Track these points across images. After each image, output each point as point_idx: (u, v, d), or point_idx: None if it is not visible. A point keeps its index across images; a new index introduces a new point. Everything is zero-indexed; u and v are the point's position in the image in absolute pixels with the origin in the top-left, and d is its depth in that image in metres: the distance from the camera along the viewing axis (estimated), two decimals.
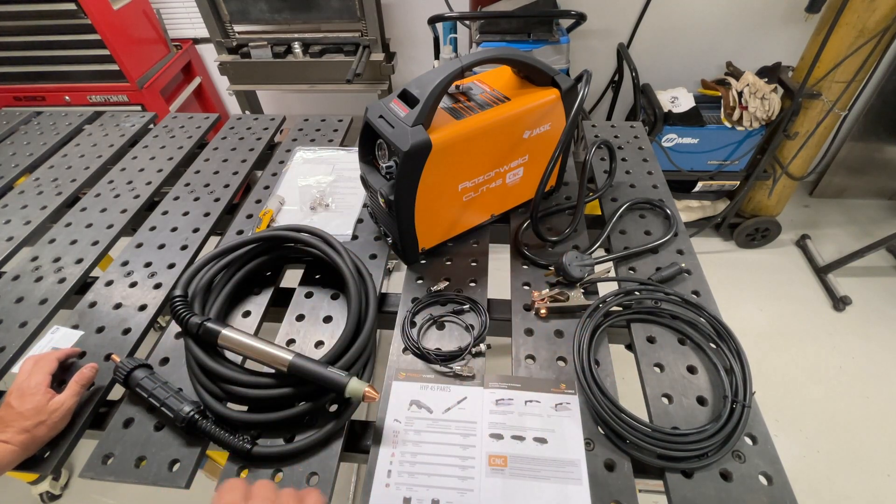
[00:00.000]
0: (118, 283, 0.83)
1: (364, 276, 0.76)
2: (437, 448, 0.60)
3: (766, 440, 0.59)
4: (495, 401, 0.64)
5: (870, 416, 1.61)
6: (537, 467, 0.57)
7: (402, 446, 0.60)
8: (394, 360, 0.70)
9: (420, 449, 0.60)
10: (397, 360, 0.70)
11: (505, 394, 0.64)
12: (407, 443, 0.60)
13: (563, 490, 0.55)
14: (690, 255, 0.83)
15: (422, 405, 0.64)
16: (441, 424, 0.62)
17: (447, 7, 1.94)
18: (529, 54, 0.75)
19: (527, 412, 0.62)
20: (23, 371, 0.64)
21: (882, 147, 2.24)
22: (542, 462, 0.58)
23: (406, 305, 0.76)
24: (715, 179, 1.99)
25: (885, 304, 1.95)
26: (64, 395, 0.62)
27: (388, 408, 0.64)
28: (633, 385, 0.67)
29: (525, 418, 0.62)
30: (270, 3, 1.85)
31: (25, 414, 0.59)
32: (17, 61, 1.94)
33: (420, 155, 0.67)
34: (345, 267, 0.72)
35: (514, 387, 0.65)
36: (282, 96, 2.48)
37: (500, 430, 0.61)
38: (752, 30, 2.00)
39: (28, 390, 0.61)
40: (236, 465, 0.59)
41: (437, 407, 0.64)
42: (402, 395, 0.65)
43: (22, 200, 1.05)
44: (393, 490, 0.56)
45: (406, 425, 0.62)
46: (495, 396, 0.64)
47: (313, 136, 1.20)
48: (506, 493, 0.56)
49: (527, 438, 0.60)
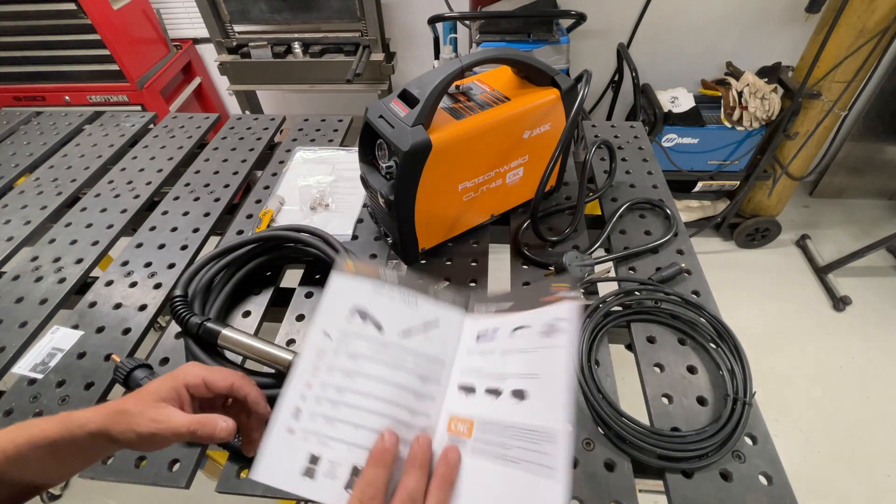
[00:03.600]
0: (118, 283, 0.83)
1: None
2: (378, 388, 0.40)
3: (766, 440, 0.59)
4: (477, 335, 0.45)
5: (870, 416, 1.61)
6: (508, 441, 0.38)
7: (324, 375, 0.40)
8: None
9: (351, 384, 0.40)
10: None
11: (491, 321, 0.45)
12: (334, 371, 0.41)
13: (532, 485, 0.36)
14: (690, 255, 0.83)
15: (369, 317, 0.43)
16: (392, 353, 0.42)
17: (447, 7, 1.94)
18: (529, 54, 0.75)
19: (512, 347, 0.43)
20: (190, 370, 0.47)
21: (882, 147, 2.24)
22: (514, 432, 0.39)
23: None
24: (715, 179, 1.99)
25: (885, 304, 1.95)
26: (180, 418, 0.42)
27: (321, 310, 0.43)
28: (633, 385, 0.66)
29: (508, 359, 0.42)
30: (270, 3, 1.85)
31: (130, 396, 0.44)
32: (17, 61, 1.94)
33: (420, 155, 0.67)
34: None
35: (501, 309, 0.46)
36: (282, 96, 2.48)
37: (474, 378, 0.42)
38: (752, 30, 2.00)
39: (164, 382, 0.45)
40: (236, 465, 0.59)
41: (392, 326, 0.43)
42: (343, 297, 0.44)
43: (22, 200, 1.05)
44: (298, 440, 0.38)
45: (339, 344, 0.42)
46: (478, 327, 0.45)
47: (313, 136, 1.20)
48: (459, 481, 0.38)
49: (504, 392, 0.41)
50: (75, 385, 0.68)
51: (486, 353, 0.44)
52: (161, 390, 0.44)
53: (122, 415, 0.42)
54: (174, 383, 0.45)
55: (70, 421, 0.41)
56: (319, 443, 0.38)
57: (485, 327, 0.45)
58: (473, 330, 0.45)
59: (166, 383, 0.45)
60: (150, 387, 0.45)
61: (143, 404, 0.42)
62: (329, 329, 0.42)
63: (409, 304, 0.45)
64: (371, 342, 0.42)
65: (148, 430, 0.41)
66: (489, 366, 0.43)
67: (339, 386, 0.40)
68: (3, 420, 0.64)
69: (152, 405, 0.42)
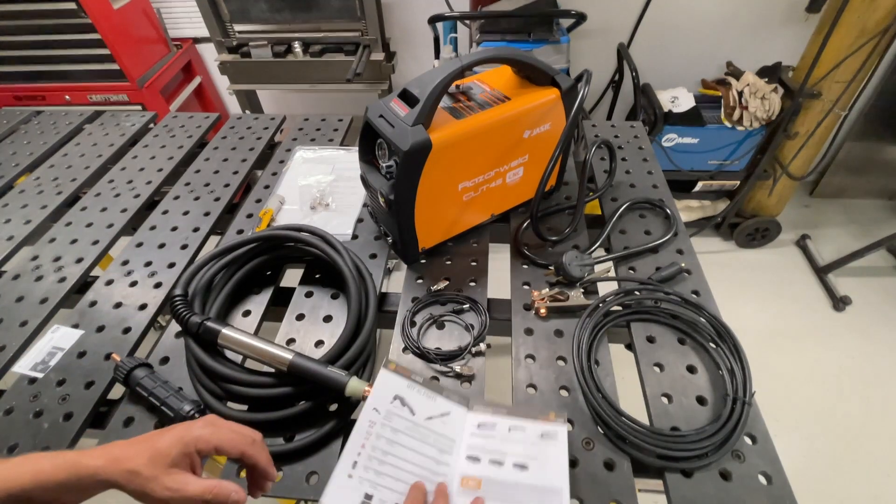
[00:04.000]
0: (118, 283, 0.83)
1: (364, 275, 0.76)
2: (411, 455, 0.56)
3: (765, 440, 0.59)
4: (477, 424, 0.60)
5: (870, 416, 1.61)
6: (514, 493, 0.53)
7: (374, 440, 0.56)
8: (393, 360, 0.70)
9: (392, 449, 0.56)
10: (397, 359, 0.70)
11: (489, 419, 0.60)
12: (381, 438, 0.56)
13: None
14: (690, 254, 0.83)
15: (406, 403, 0.60)
16: (420, 431, 0.58)
17: (447, 7, 1.94)
18: (529, 54, 0.75)
19: (510, 438, 0.58)
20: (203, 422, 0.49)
21: (882, 147, 2.24)
22: (520, 488, 0.54)
23: (406, 305, 0.76)
24: (715, 179, 1.99)
25: (885, 304, 1.95)
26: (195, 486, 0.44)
27: (372, 395, 0.59)
28: (633, 385, 0.66)
29: (507, 444, 0.58)
30: (270, 3, 1.85)
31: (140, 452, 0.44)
32: (17, 61, 1.94)
33: (420, 154, 0.67)
34: (345, 266, 0.72)
35: (499, 412, 0.61)
36: (282, 96, 2.48)
37: (479, 452, 0.57)
38: (752, 30, 2.00)
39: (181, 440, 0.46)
40: (236, 464, 0.59)
41: (420, 412, 0.59)
42: (388, 386, 0.60)
43: (22, 200, 1.05)
44: (355, 482, 0.53)
45: (385, 419, 0.58)
46: (478, 419, 0.60)
47: (313, 135, 1.20)
48: None
49: (506, 464, 0.56)
50: (75, 384, 0.68)
51: (487, 437, 0.59)
52: (172, 454, 0.45)
53: (135, 476, 0.43)
54: (185, 449, 0.46)
55: (79, 467, 0.43)
56: (371, 486, 0.53)
57: (484, 420, 0.60)
58: (475, 420, 0.60)
59: (176, 447, 0.45)
60: (161, 446, 0.45)
61: (156, 468, 0.44)
62: (378, 406, 0.58)
63: (430, 398, 0.61)
64: (406, 421, 0.58)
65: (162, 497, 0.43)
66: (490, 445, 0.58)
67: (384, 449, 0.56)
68: (3, 419, 0.64)
69: (165, 472, 0.44)
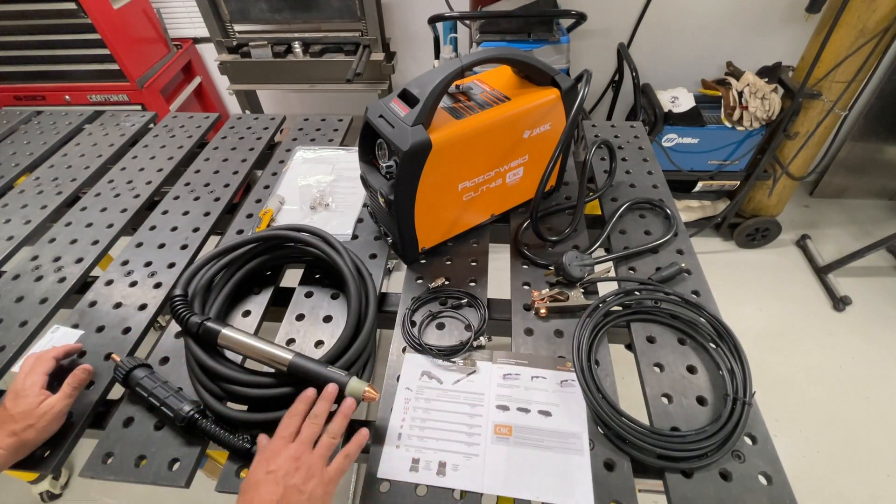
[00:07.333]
0: (118, 283, 0.83)
1: (364, 275, 0.76)
2: (446, 416, 0.63)
3: (765, 440, 0.59)
4: (503, 375, 0.67)
5: (870, 416, 1.60)
6: (541, 437, 0.60)
7: (412, 412, 0.64)
8: (394, 360, 0.70)
9: (429, 416, 0.63)
10: (397, 359, 0.70)
11: (512, 369, 0.68)
12: (417, 409, 0.64)
13: (565, 459, 0.58)
14: (690, 255, 0.83)
15: (433, 376, 0.68)
16: (450, 395, 0.66)
17: (447, 7, 1.94)
18: (529, 54, 0.75)
19: (533, 387, 0.65)
20: (22, 370, 0.63)
21: (882, 147, 2.24)
22: (545, 433, 0.61)
23: (406, 305, 0.76)
24: (715, 179, 1.99)
25: (885, 304, 1.95)
26: (55, 398, 0.60)
27: (402, 376, 0.68)
28: (633, 385, 0.66)
29: (531, 392, 0.65)
30: (270, 3, 1.85)
31: (16, 417, 0.57)
32: (17, 61, 1.94)
33: (420, 154, 0.67)
34: (345, 266, 0.72)
35: (521, 363, 0.68)
36: (282, 96, 2.48)
37: (507, 402, 0.64)
38: (752, 30, 2.00)
39: (22, 391, 0.60)
40: (236, 464, 0.59)
41: (447, 379, 0.67)
42: (415, 365, 0.69)
43: (22, 200, 1.05)
44: (403, 451, 0.60)
45: (417, 394, 0.66)
46: (503, 371, 0.67)
47: (313, 135, 1.20)
48: (510, 460, 0.59)
49: (532, 411, 0.63)
50: None
51: (512, 386, 0.66)
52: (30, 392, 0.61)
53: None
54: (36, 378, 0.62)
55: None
56: (416, 451, 0.60)
57: (508, 371, 0.68)
58: (500, 372, 0.68)
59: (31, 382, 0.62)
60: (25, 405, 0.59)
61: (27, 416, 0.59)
62: (409, 385, 0.67)
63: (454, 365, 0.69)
64: (436, 390, 0.66)
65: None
66: (516, 395, 0.65)
67: (422, 418, 0.64)
68: None
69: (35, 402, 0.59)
